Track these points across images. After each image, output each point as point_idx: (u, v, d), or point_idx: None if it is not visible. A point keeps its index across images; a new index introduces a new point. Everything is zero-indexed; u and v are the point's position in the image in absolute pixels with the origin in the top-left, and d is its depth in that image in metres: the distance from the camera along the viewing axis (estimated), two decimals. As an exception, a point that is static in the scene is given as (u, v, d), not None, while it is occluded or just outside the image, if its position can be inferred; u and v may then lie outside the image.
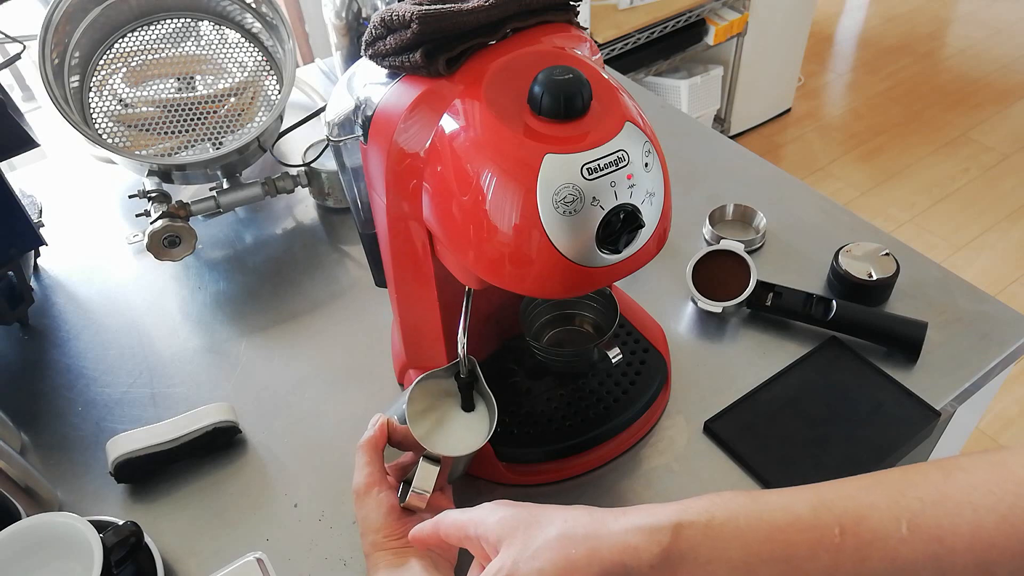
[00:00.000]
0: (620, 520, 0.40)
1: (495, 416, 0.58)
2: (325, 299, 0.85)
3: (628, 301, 0.76)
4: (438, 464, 0.56)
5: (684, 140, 1.04)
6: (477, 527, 0.44)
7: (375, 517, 0.56)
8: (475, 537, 0.45)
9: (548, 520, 0.42)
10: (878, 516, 0.36)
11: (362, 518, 0.57)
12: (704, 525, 0.38)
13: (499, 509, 0.44)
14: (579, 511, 0.42)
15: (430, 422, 0.58)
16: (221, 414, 0.69)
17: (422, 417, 0.58)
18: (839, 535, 0.36)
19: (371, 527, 0.56)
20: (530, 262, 0.47)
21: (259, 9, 0.90)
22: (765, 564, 0.37)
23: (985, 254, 2.10)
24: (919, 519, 0.35)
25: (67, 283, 0.90)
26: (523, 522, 0.42)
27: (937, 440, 0.82)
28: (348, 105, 0.56)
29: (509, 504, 0.45)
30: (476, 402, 0.60)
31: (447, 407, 0.60)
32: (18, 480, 0.63)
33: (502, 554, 0.41)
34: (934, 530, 0.35)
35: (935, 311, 0.77)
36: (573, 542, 0.40)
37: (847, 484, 0.39)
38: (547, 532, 0.41)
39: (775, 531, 0.37)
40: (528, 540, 0.41)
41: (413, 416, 0.57)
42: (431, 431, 0.58)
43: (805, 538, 0.37)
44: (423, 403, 0.59)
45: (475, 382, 0.59)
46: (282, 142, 0.98)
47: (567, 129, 0.45)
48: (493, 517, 0.43)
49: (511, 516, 0.43)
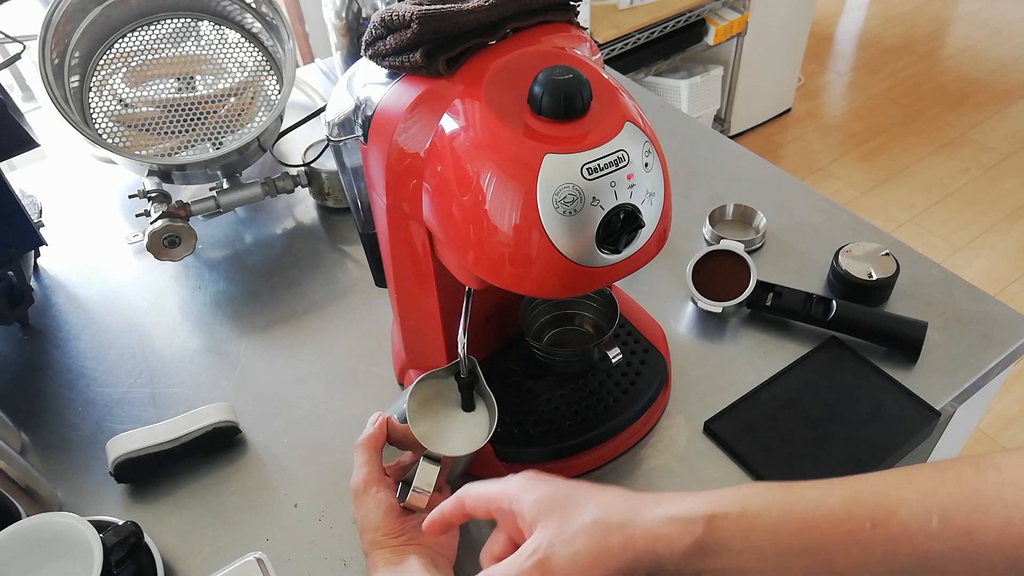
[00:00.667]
0: (654, 509, 0.41)
1: (495, 416, 0.58)
2: (325, 299, 0.85)
3: (628, 301, 0.76)
4: (438, 464, 0.56)
5: (684, 140, 1.04)
6: (513, 502, 0.45)
7: (374, 516, 0.56)
8: (509, 511, 0.45)
9: (584, 503, 0.42)
10: (909, 510, 0.36)
11: (361, 517, 0.57)
12: (737, 516, 0.39)
13: (535, 486, 0.44)
14: (614, 496, 0.43)
15: (430, 421, 0.58)
16: (221, 414, 0.69)
17: (422, 416, 0.58)
18: (870, 528, 0.36)
19: (370, 526, 0.56)
20: (530, 262, 0.47)
21: (259, 9, 0.90)
22: (796, 556, 0.37)
23: (985, 254, 2.10)
24: (950, 514, 0.36)
25: (67, 283, 0.90)
26: (559, 504, 0.43)
27: (937, 440, 0.82)
28: (348, 105, 0.56)
29: (543, 479, 0.45)
30: (476, 402, 0.60)
31: (447, 407, 0.60)
32: (18, 480, 0.63)
33: (537, 534, 0.42)
34: (964, 525, 0.35)
35: (935, 311, 0.77)
36: (608, 529, 0.40)
37: (880, 478, 0.39)
38: (583, 517, 0.41)
39: (807, 524, 0.38)
40: (564, 524, 0.41)
41: (413, 415, 0.57)
42: (431, 431, 0.58)
43: (837, 531, 0.37)
44: (423, 403, 0.59)
45: (475, 382, 0.59)
46: (282, 142, 0.98)
47: (567, 129, 0.45)
48: (530, 496, 0.44)
49: (548, 497, 0.43)
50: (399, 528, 0.56)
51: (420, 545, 0.56)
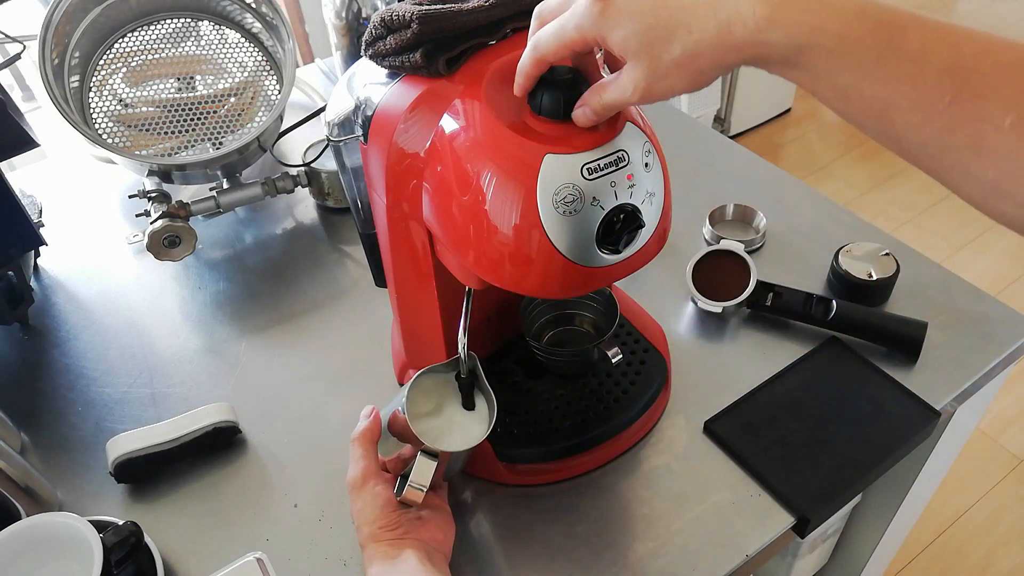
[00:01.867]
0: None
1: (494, 413, 0.58)
2: (325, 299, 0.85)
3: (628, 301, 0.76)
4: (435, 459, 0.56)
5: (684, 140, 1.04)
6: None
7: (370, 509, 0.56)
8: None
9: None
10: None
11: (357, 511, 0.57)
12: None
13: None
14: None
15: (429, 417, 0.58)
16: (221, 414, 0.69)
17: (421, 412, 0.58)
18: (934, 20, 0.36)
19: (366, 519, 0.56)
20: (530, 262, 0.47)
21: (259, 9, 0.90)
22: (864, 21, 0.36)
23: (985, 254, 2.10)
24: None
25: (67, 283, 0.90)
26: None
27: (937, 440, 0.82)
28: (348, 105, 0.56)
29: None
30: (476, 399, 0.60)
31: (447, 403, 0.60)
32: (18, 480, 0.63)
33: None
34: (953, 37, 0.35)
35: (935, 311, 0.77)
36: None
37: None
38: None
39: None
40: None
41: (412, 411, 0.57)
42: (430, 426, 0.58)
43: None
44: (423, 397, 0.59)
45: (476, 380, 0.59)
46: (282, 142, 0.98)
47: (567, 129, 0.45)
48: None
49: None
50: (395, 522, 0.56)
51: (417, 539, 0.56)
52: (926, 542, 1.52)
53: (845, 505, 0.79)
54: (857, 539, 1.07)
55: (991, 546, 1.51)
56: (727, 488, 0.65)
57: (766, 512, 0.64)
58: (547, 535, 0.63)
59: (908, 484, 0.89)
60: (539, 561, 0.62)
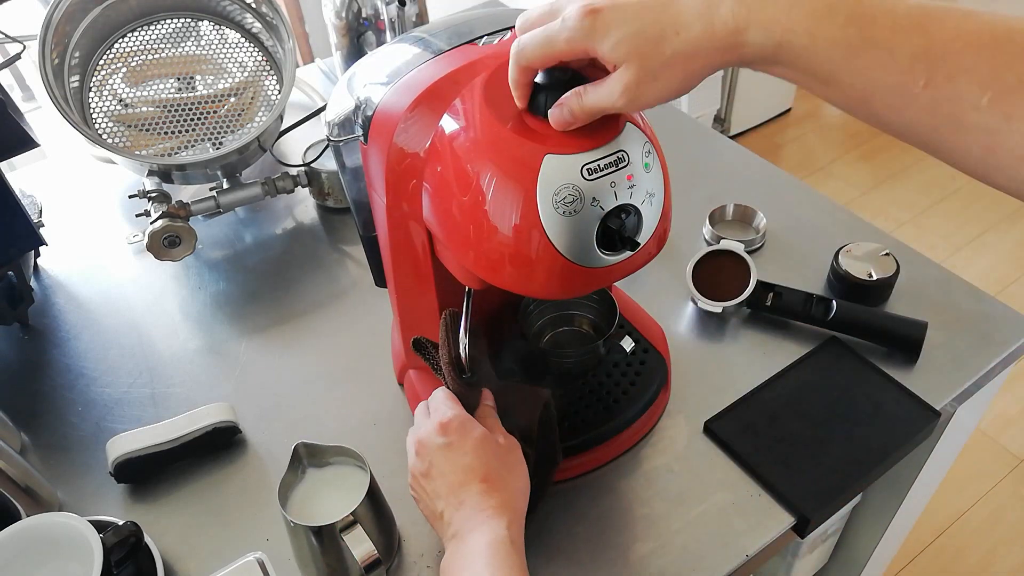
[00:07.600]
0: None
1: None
2: (325, 299, 0.85)
3: (628, 301, 0.76)
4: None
5: (684, 140, 1.04)
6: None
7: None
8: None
9: None
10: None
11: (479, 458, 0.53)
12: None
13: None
14: None
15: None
16: (221, 414, 0.69)
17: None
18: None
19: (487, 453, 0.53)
20: (530, 262, 0.47)
21: (259, 9, 0.90)
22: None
23: (985, 254, 2.10)
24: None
25: (67, 283, 0.90)
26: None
27: (937, 440, 0.82)
28: (348, 105, 0.56)
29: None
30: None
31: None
32: (18, 480, 0.63)
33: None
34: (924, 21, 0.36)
35: (935, 311, 0.77)
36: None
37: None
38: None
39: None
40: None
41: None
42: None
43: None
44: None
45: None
46: (282, 142, 0.98)
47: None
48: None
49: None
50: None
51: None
52: (926, 542, 1.52)
53: (845, 505, 0.80)
54: (857, 539, 1.07)
55: (991, 546, 1.51)
56: (727, 488, 0.65)
57: (766, 512, 0.64)
58: (547, 535, 0.63)
59: (908, 484, 0.89)
60: (539, 561, 0.62)
